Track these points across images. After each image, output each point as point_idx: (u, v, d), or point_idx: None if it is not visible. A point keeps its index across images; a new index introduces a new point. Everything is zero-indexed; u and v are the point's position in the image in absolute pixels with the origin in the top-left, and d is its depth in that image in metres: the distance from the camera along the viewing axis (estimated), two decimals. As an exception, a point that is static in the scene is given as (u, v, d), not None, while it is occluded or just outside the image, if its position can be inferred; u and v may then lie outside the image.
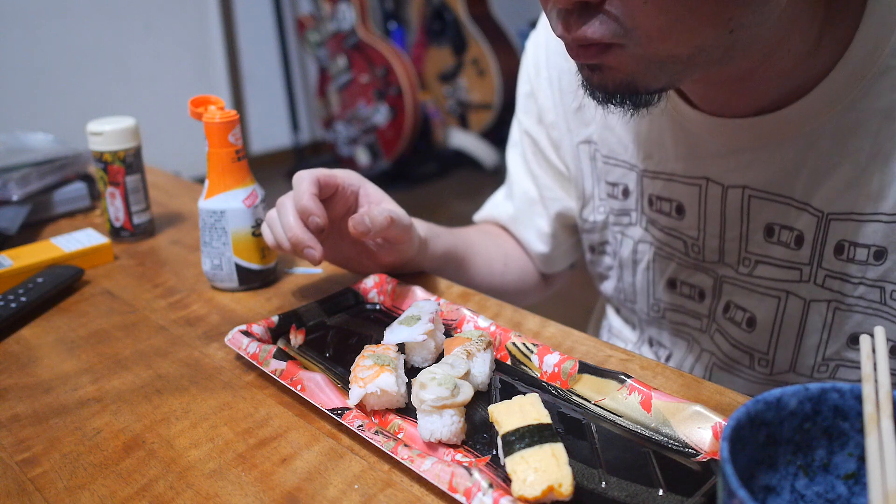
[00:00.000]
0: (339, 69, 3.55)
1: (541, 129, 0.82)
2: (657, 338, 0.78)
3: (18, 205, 0.91)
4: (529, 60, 0.83)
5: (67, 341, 0.67)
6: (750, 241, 0.64)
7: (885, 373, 0.38)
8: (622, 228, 0.76)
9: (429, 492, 0.46)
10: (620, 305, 0.83)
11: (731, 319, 0.68)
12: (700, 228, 0.68)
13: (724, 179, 0.64)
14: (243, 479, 0.48)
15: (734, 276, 0.67)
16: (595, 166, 0.77)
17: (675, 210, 0.69)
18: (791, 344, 0.65)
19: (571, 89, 0.76)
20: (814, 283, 0.62)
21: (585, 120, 0.76)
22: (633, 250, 0.76)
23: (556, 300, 0.59)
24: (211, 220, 0.72)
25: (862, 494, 0.38)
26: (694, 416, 0.49)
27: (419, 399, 0.49)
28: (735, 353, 0.69)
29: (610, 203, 0.77)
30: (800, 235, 0.61)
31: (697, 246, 0.68)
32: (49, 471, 0.50)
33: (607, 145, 0.74)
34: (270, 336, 0.63)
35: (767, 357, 0.66)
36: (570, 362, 0.56)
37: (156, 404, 0.57)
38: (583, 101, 0.75)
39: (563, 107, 0.78)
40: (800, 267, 0.62)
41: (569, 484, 0.42)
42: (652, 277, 0.75)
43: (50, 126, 1.58)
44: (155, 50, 3.38)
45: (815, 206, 0.60)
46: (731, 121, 0.61)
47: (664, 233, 0.71)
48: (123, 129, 0.85)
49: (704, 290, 0.70)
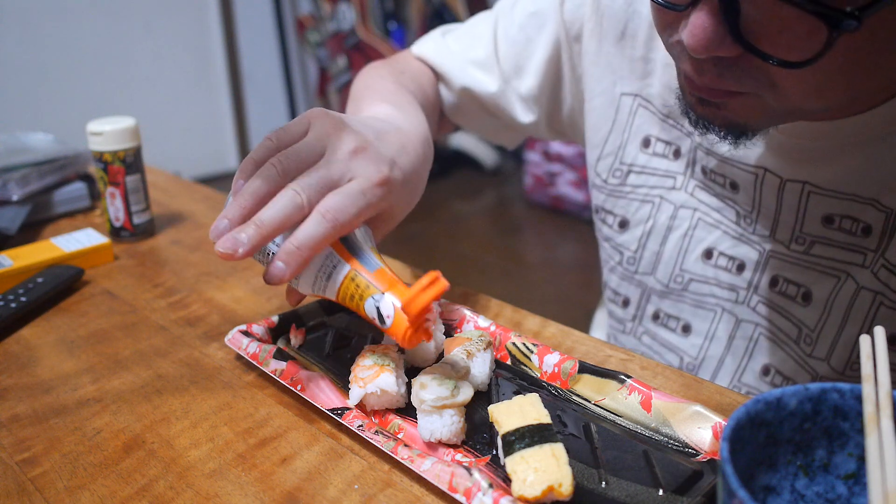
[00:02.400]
0: (339, 69, 3.55)
1: (575, 45, 0.77)
2: (669, 310, 0.77)
3: (18, 205, 0.91)
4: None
5: (67, 341, 0.67)
6: (806, 223, 0.64)
7: (885, 373, 0.38)
8: (664, 192, 0.74)
9: (429, 492, 0.46)
10: (622, 280, 0.81)
11: (783, 293, 0.67)
12: (755, 206, 0.67)
13: (783, 173, 0.63)
14: (243, 479, 0.48)
15: (784, 251, 0.66)
16: (630, 122, 0.74)
17: (728, 185, 0.68)
18: (835, 328, 0.64)
19: (642, 37, 0.71)
20: (871, 272, 0.61)
21: (644, 72, 0.72)
22: (671, 216, 0.74)
23: (557, 300, 0.58)
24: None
25: (862, 494, 0.38)
26: (694, 416, 0.49)
27: (419, 399, 0.49)
28: (786, 325, 0.67)
29: (652, 162, 0.73)
30: (867, 226, 0.60)
31: (750, 218, 0.67)
32: (49, 471, 0.50)
33: (668, 107, 0.71)
34: (270, 336, 0.63)
35: (813, 335, 0.66)
36: (570, 362, 0.56)
37: (156, 404, 0.57)
38: (651, 55, 0.71)
39: (621, 49, 0.73)
40: (864, 252, 0.61)
41: (569, 484, 0.42)
42: (687, 245, 0.73)
43: (50, 126, 1.58)
44: (155, 50, 3.38)
45: (883, 203, 0.59)
46: (806, 122, 0.60)
47: (718, 198, 0.70)
48: (123, 129, 0.85)
49: (745, 263, 0.69)
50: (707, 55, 0.46)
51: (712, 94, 0.51)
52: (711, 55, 0.46)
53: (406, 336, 0.50)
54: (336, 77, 3.59)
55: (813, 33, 0.43)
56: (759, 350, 0.70)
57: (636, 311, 0.80)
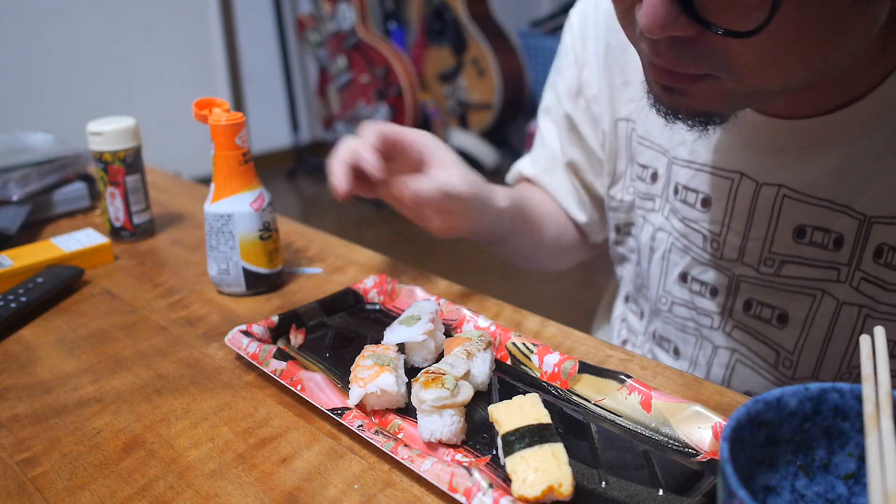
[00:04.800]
0: (339, 69, 3.55)
1: (579, 102, 0.80)
2: (661, 332, 0.77)
3: (18, 205, 0.91)
4: (575, 30, 0.80)
5: (67, 341, 0.67)
6: (776, 241, 0.64)
7: (885, 373, 0.38)
8: (644, 213, 0.76)
9: (429, 492, 0.46)
10: (636, 291, 0.82)
11: (757, 316, 0.67)
12: (724, 224, 0.67)
13: (759, 177, 0.63)
14: (243, 479, 0.48)
15: (753, 275, 0.66)
16: (629, 145, 0.76)
17: (700, 202, 0.68)
18: (817, 347, 0.64)
19: (618, 64, 0.75)
20: (849, 285, 0.61)
21: (628, 97, 0.75)
22: (651, 237, 0.75)
23: (556, 300, 0.58)
24: (218, 224, 0.72)
25: (862, 494, 0.38)
26: (694, 416, 0.49)
27: (419, 399, 0.49)
28: (763, 349, 0.68)
29: (637, 185, 0.76)
30: (839, 237, 0.60)
31: (717, 242, 0.68)
32: (49, 471, 0.50)
33: (644, 125, 0.73)
34: (270, 336, 0.63)
35: (792, 357, 0.66)
36: (570, 362, 0.56)
37: (156, 404, 0.57)
38: (629, 77, 0.74)
39: (608, 81, 0.77)
40: (837, 267, 0.61)
41: (569, 484, 0.42)
42: (665, 268, 0.74)
43: (50, 126, 1.58)
44: (155, 50, 3.38)
45: (856, 210, 0.59)
46: (781, 121, 0.60)
47: (685, 224, 0.70)
48: (123, 129, 0.85)
49: (717, 288, 0.69)
50: (662, 34, 0.46)
51: (673, 80, 0.51)
52: (667, 35, 0.47)
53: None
54: (336, 77, 3.59)
55: (762, 1, 0.43)
56: (736, 378, 0.70)
57: (647, 325, 0.81)
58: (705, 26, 0.45)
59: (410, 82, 3.39)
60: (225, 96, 3.60)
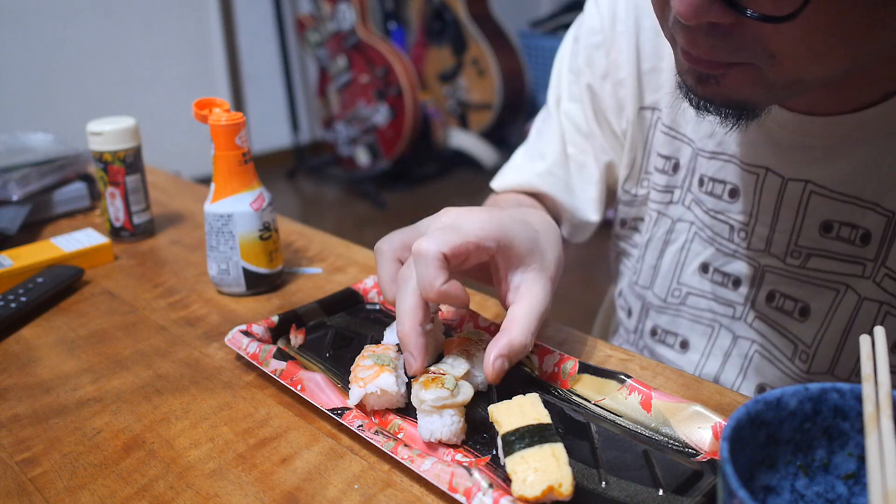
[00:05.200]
0: (339, 69, 3.55)
1: (605, 85, 0.76)
2: (666, 326, 0.77)
3: (18, 205, 0.91)
4: (604, 10, 0.75)
5: (67, 341, 0.67)
6: (802, 235, 0.63)
7: (885, 373, 0.38)
8: (661, 206, 0.74)
9: (429, 492, 0.46)
10: (629, 288, 0.81)
11: (780, 308, 0.67)
12: (752, 215, 0.66)
13: (785, 172, 0.63)
14: (243, 479, 0.48)
15: (780, 266, 0.65)
16: (650, 135, 0.74)
17: (727, 193, 0.68)
18: (835, 342, 0.64)
19: (649, 49, 0.72)
20: (873, 281, 0.60)
21: (657, 84, 0.73)
22: (668, 230, 0.74)
23: (556, 300, 0.57)
24: (218, 223, 0.72)
25: (862, 494, 0.38)
26: (694, 416, 0.49)
27: (419, 399, 0.49)
28: (782, 341, 0.67)
29: (656, 177, 0.74)
30: (866, 233, 0.60)
31: (745, 232, 0.67)
32: (49, 471, 0.50)
33: (672, 115, 0.71)
34: (270, 336, 0.63)
35: (809, 351, 0.65)
36: (570, 362, 0.56)
37: (156, 404, 0.57)
38: (658, 63, 0.72)
39: (637, 65, 0.73)
40: (863, 262, 0.61)
41: (569, 484, 0.42)
42: (683, 259, 0.73)
43: (50, 126, 1.58)
44: (155, 50, 3.38)
45: (884, 207, 0.59)
46: (807, 117, 0.60)
47: (710, 215, 0.70)
48: (123, 129, 0.85)
49: (741, 279, 0.69)
50: (698, 21, 0.46)
51: (709, 66, 0.50)
52: (703, 22, 0.46)
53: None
54: (336, 77, 3.59)
55: None
56: (752, 368, 0.70)
57: (637, 323, 0.81)
58: (739, 10, 0.45)
59: (410, 82, 3.39)
60: (225, 96, 3.60)
